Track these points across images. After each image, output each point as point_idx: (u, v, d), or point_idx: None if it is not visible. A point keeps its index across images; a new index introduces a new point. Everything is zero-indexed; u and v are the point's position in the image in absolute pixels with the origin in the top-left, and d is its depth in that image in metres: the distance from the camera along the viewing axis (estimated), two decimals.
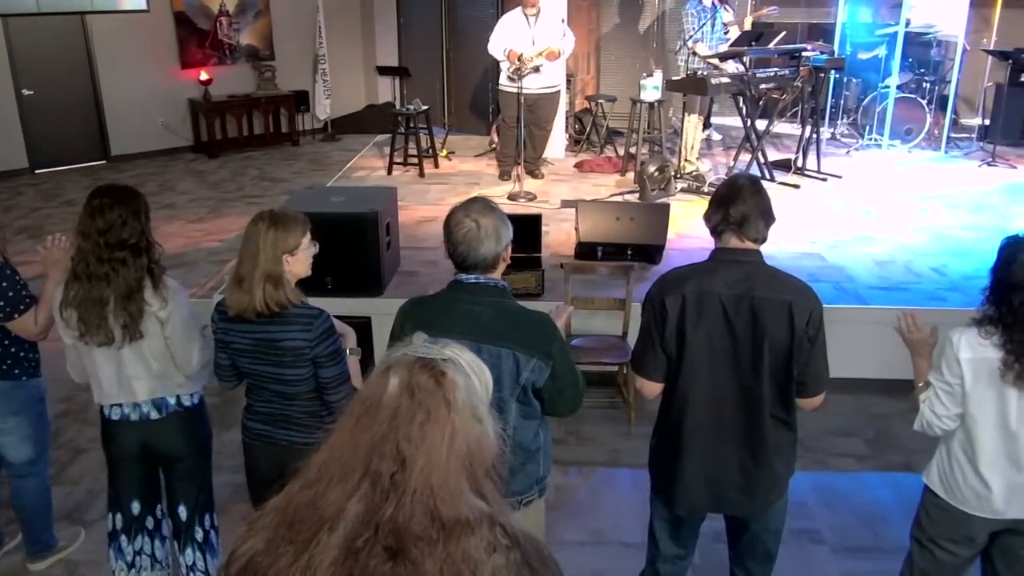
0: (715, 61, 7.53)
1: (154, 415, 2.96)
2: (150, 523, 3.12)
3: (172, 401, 2.97)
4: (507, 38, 7.58)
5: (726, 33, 7.98)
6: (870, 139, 9.42)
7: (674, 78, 7.75)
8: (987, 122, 9.73)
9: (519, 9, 7.66)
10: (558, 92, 7.97)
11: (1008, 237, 2.50)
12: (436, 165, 8.64)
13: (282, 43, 10.67)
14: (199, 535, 3.13)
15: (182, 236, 7.04)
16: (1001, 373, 2.42)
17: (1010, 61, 9.07)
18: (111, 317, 2.77)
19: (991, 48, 9.61)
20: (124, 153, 9.73)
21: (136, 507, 3.07)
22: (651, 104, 8.00)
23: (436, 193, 7.57)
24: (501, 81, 7.89)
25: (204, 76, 9.81)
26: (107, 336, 2.79)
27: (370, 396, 1.31)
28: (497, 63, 7.92)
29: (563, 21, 7.76)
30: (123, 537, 3.08)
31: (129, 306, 2.76)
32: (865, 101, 9.55)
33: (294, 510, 1.28)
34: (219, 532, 3.22)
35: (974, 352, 2.46)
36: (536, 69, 7.44)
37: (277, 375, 2.69)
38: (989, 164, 8.47)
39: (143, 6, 9.57)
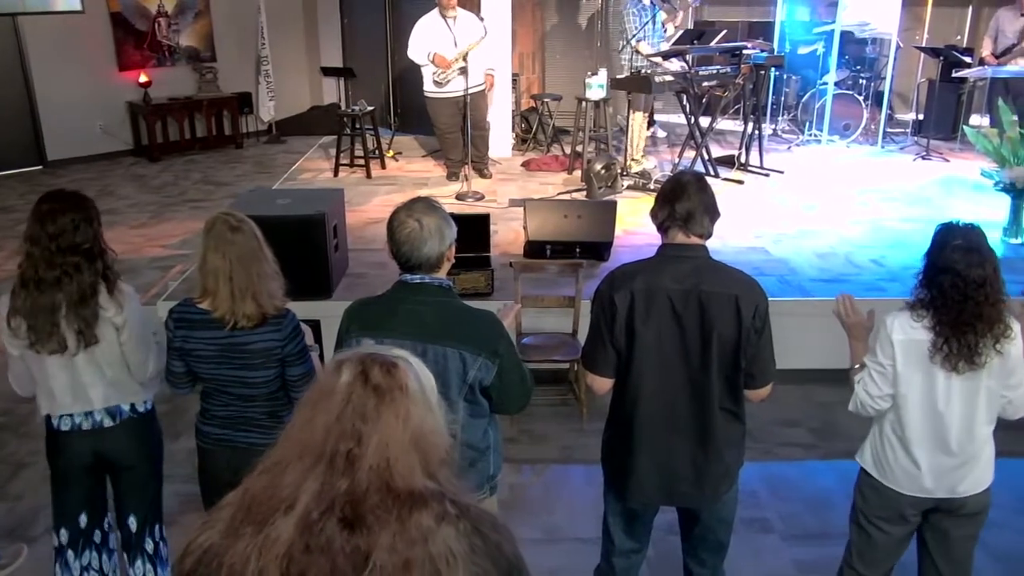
0: (658, 59, 7.63)
1: (108, 422, 2.89)
2: (97, 536, 3.05)
3: (126, 408, 2.92)
4: (428, 42, 7.50)
5: (665, 31, 8.09)
6: (810, 135, 9.62)
7: (618, 76, 7.83)
8: (921, 117, 10.02)
9: (435, 11, 7.57)
10: (484, 89, 7.94)
11: (943, 223, 2.58)
12: (383, 166, 8.60)
13: (223, 44, 10.49)
14: (149, 546, 3.07)
15: (123, 242, 6.88)
16: (930, 355, 2.50)
17: (941, 58, 9.36)
18: (63, 323, 2.69)
19: (923, 45, 9.90)
20: (61, 158, 9.47)
21: (84, 520, 2.99)
22: (596, 102, 8.07)
23: (384, 194, 7.52)
24: (426, 88, 7.76)
25: (143, 78, 9.60)
26: (59, 344, 2.71)
27: (324, 386, 1.34)
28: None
29: (482, 20, 7.68)
30: (70, 552, 2.99)
31: (83, 311, 2.69)
32: (804, 98, 9.76)
33: (251, 497, 1.30)
34: (168, 543, 3.16)
35: (906, 334, 2.55)
36: (463, 71, 7.37)
37: (241, 378, 2.67)
38: (924, 158, 8.72)
39: (77, 7, 9.32)
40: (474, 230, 5.16)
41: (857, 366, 2.73)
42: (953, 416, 2.56)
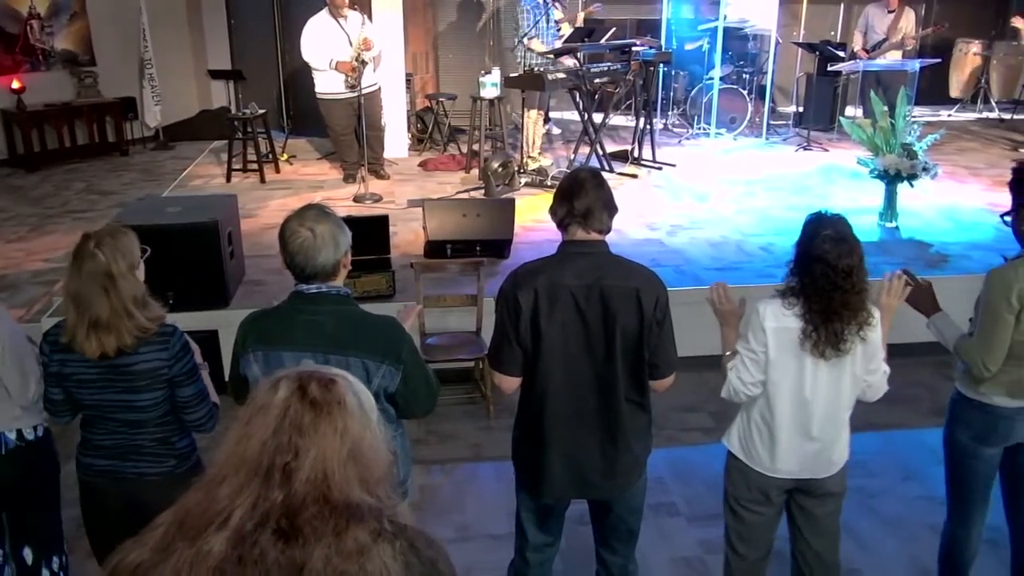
0: (551, 57, 7.73)
1: None
2: None
3: (12, 436, 2.74)
4: (323, 43, 7.42)
5: (558, 30, 8.20)
6: (699, 128, 9.92)
7: (512, 75, 7.89)
8: (801, 109, 10.48)
9: (325, 12, 7.49)
10: (379, 89, 7.89)
11: (812, 213, 2.66)
12: (277, 170, 8.42)
13: (103, 47, 10.04)
14: None
15: (2, 257, 6.54)
16: (800, 342, 2.59)
17: (817, 53, 9.81)
18: None
19: (800, 41, 10.35)
20: None
21: None
22: (491, 101, 8.11)
23: (279, 198, 7.38)
24: (319, 90, 7.65)
25: (16, 84, 9.09)
26: None
27: (261, 401, 1.33)
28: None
29: (368, 22, 7.68)
30: None
31: None
32: (692, 93, 10.06)
33: (184, 512, 1.28)
34: (69, 573, 3.02)
35: (778, 322, 2.62)
36: (360, 67, 7.31)
37: (126, 403, 2.53)
38: (805, 148, 9.11)
39: None
40: (373, 232, 5.12)
41: (729, 353, 2.80)
42: (818, 402, 2.66)
